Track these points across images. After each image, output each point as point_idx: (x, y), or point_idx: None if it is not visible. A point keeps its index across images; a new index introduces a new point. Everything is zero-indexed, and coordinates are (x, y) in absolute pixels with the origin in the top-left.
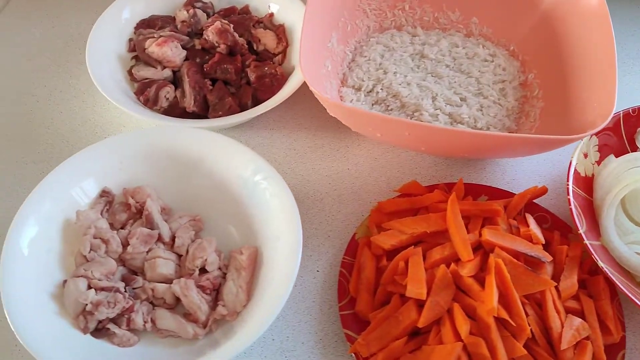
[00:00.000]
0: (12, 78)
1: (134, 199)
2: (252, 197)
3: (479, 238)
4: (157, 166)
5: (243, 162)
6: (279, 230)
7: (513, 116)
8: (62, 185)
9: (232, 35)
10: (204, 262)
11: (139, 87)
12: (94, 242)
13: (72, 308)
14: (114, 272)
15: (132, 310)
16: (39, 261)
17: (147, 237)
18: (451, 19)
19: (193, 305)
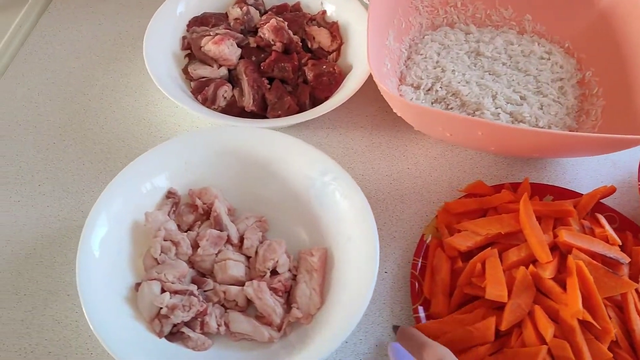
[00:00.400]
0: (63, 77)
1: (201, 200)
2: (320, 198)
3: (554, 239)
4: (221, 166)
5: (311, 162)
6: (350, 231)
7: (573, 115)
8: (129, 186)
9: (288, 33)
10: (275, 264)
11: (196, 85)
12: (164, 244)
13: (147, 311)
14: (186, 275)
15: (206, 314)
16: (111, 263)
17: (217, 238)
18: (504, 16)
19: (267, 308)
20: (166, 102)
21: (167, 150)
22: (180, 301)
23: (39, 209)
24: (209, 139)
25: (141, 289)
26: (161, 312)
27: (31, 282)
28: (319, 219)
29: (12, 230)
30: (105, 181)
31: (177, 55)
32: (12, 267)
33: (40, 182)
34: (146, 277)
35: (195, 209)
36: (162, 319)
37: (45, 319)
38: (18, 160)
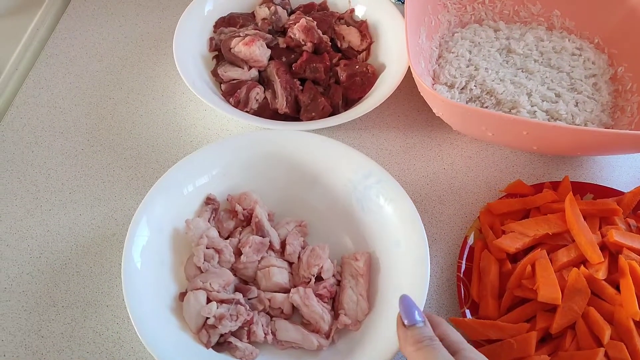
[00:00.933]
0: (87, 80)
1: (241, 206)
2: (362, 202)
3: (603, 239)
4: (260, 170)
5: (353, 165)
6: (397, 235)
7: (607, 111)
8: (168, 194)
9: (318, 33)
10: (320, 270)
11: (227, 88)
12: (207, 252)
13: (194, 322)
14: (230, 283)
15: (252, 322)
16: (155, 273)
17: (260, 245)
18: (532, 12)
19: (315, 315)
20: (194, 106)
21: (206, 155)
22: (227, 310)
23: (72, 217)
24: (248, 143)
25: (187, 299)
26: (208, 322)
27: (68, 294)
28: (362, 223)
29: (45, 240)
30: (136, 187)
31: (205, 57)
32: (48, 278)
33: (71, 190)
34: (191, 286)
35: (235, 215)
36: (209, 329)
37: (86, 332)
38: (46, 168)
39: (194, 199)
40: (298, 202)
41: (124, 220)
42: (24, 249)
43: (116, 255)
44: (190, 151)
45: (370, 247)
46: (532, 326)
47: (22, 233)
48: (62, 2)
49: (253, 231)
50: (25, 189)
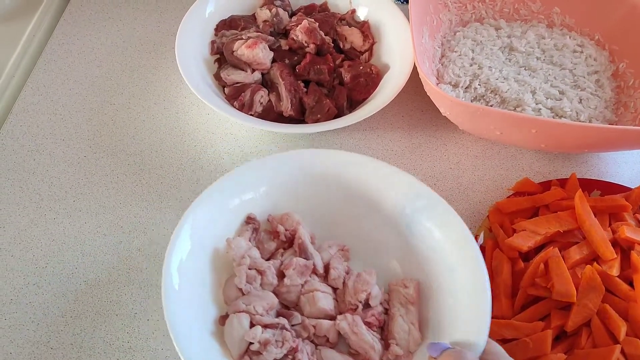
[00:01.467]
0: (87, 86)
1: (283, 227)
2: (412, 226)
3: (614, 235)
4: (300, 191)
5: (402, 188)
6: (451, 261)
7: (611, 107)
8: (207, 212)
9: (320, 34)
10: (368, 296)
11: (231, 91)
12: (249, 273)
13: (236, 347)
14: (274, 307)
15: (298, 350)
16: (196, 294)
17: (304, 268)
18: (532, 10)
19: (364, 344)
20: (197, 110)
21: (251, 171)
22: (272, 336)
23: (77, 226)
24: (290, 163)
25: (229, 322)
26: (251, 347)
27: (77, 304)
28: (411, 247)
29: (50, 249)
30: (141, 194)
31: (207, 60)
32: (55, 288)
33: (74, 198)
34: (232, 309)
35: (276, 236)
36: (252, 356)
37: (96, 342)
38: (49, 176)
39: (235, 217)
40: (340, 225)
41: (130, 227)
42: (29, 259)
43: (124, 263)
44: (194, 156)
45: (419, 273)
46: (546, 324)
47: (27, 243)
48: (58, 8)
49: (296, 253)
50: (28, 198)
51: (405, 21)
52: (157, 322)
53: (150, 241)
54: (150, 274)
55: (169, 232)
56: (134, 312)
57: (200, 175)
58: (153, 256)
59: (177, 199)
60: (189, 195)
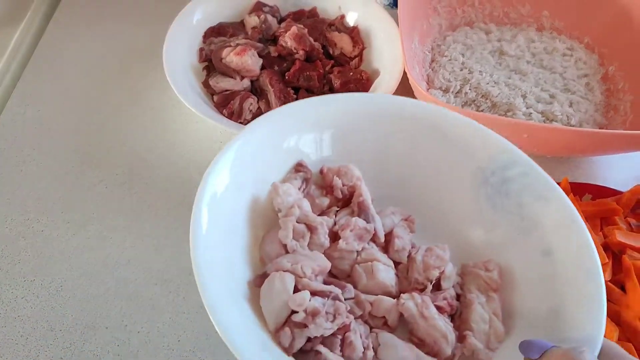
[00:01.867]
0: (74, 96)
1: (340, 181)
2: (495, 198)
3: (605, 239)
4: (361, 144)
5: (489, 151)
6: (547, 243)
7: (601, 111)
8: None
9: (310, 40)
10: (440, 275)
11: (220, 99)
12: (297, 227)
13: (275, 315)
14: (326, 272)
15: (349, 329)
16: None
17: (363, 231)
18: (521, 13)
19: (435, 331)
20: (185, 118)
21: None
22: (323, 305)
23: (65, 238)
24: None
25: (269, 283)
26: (294, 317)
27: (65, 317)
28: (490, 224)
29: (38, 262)
30: (130, 204)
31: (195, 67)
32: (44, 301)
33: (62, 210)
34: (274, 267)
35: (330, 192)
36: (294, 328)
37: (86, 355)
38: (36, 188)
39: (284, 161)
40: (404, 190)
41: (119, 239)
42: (17, 273)
43: (111, 275)
44: (184, 165)
45: (498, 255)
46: None
47: (14, 256)
48: (44, 17)
49: (353, 213)
50: (15, 211)
51: (394, 26)
52: (147, 334)
53: (139, 252)
54: (139, 285)
55: (158, 244)
56: (124, 325)
57: (189, 185)
58: (143, 268)
59: (166, 209)
60: (179, 206)
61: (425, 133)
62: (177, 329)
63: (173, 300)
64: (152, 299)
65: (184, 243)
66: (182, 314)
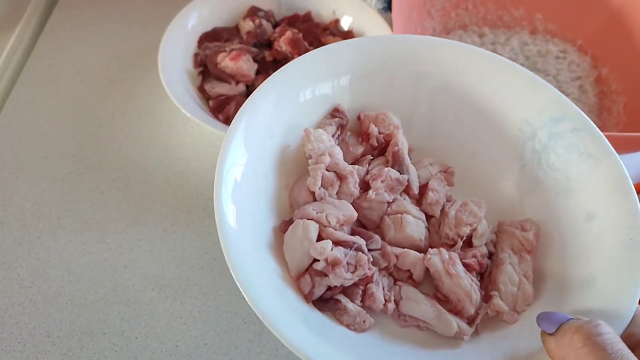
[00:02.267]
0: (69, 102)
1: (377, 129)
2: (541, 154)
3: None
4: (402, 88)
5: (538, 102)
6: (592, 206)
7: (595, 113)
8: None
9: (304, 45)
10: (473, 232)
11: (215, 104)
12: (326, 175)
13: (296, 262)
14: (352, 222)
15: (372, 281)
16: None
17: (395, 182)
18: (514, 16)
19: (459, 290)
20: (181, 123)
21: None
22: (344, 256)
23: (61, 243)
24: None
25: (293, 229)
26: (315, 266)
27: (63, 323)
28: (534, 182)
29: (35, 268)
30: (127, 209)
31: (191, 73)
32: (41, 308)
33: (59, 215)
34: (300, 214)
35: (366, 140)
36: (314, 276)
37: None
38: (32, 194)
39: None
40: (445, 140)
41: (116, 244)
42: (13, 279)
43: (109, 280)
44: (180, 170)
45: (539, 215)
46: None
47: (11, 263)
48: (39, 22)
49: (388, 163)
50: (11, 217)
51: (388, 30)
52: (145, 340)
53: (137, 257)
54: (137, 290)
55: (155, 248)
56: (122, 330)
57: (186, 189)
58: (140, 273)
59: (163, 213)
60: (175, 210)
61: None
62: (174, 334)
63: (170, 306)
64: (150, 305)
65: (180, 248)
66: (180, 319)
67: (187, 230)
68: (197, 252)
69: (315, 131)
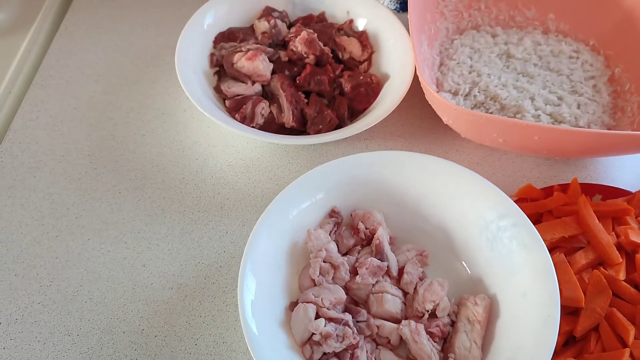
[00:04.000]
0: (85, 101)
1: (364, 225)
2: (492, 242)
3: (618, 239)
4: (386, 191)
5: (489, 202)
6: (526, 286)
7: (608, 112)
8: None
9: (319, 45)
10: (436, 307)
11: (232, 104)
12: (323, 266)
13: (300, 335)
14: (342, 302)
15: (357, 347)
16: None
17: (377, 268)
18: (527, 16)
19: (422, 353)
20: (197, 123)
21: (332, 169)
22: (334, 330)
23: (80, 242)
24: (377, 161)
25: (296, 310)
26: (313, 337)
27: (83, 322)
28: (488, 264)
29: (54, 267)
30: (144, 209)
31: (207, 72)
32: (60, 306)
33: (77, 215)
34: (302, 298)
35: (356, 233)
36: (313, 345)
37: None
38: (50, 193)
39: (318, 210)
40: (421, 230)
41: (134, 243)
42: (33, 278)
43: (129, 279)
44: (196, 169)
45: (492, 290)
46: None
47: (30, 261)
48: (54, 22)
49: (372, 253)
50: (30, 216)
51: (403, 30)
52: (164, 339)
53: (155, 256)
54: (155, 290)
55: (173, 247)
56: (141, 329)
57: (202, 188)
58: (158, 272)
59: (180, 212)
60: (192, 209)
61: (437, 187)
62: (194, 333)
63: (189, 304)
64: (168, 303)
65: (198, 247)
66: (199, 317)
67: (205, 229)
68: (215, 251)
69: (316, 231)
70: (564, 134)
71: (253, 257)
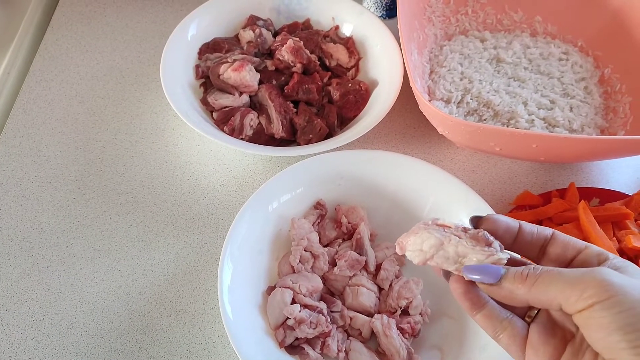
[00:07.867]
0: (70, 124)
1: (347, 219)
2: None
3: (619, 245)
4: (371, 189)
5: (469, 209)
6: None
7: (601, 114)
8: (276, 192)
9: (306, 53)
10: (409, 304)
11: (220, 116)
12: (304, 254)
13: (274, 318)
14: (318, 291)
15: (329, 335)
16: (250, 263)
17: (355, 262)
18: (514, 20)
19: (391, 347)
20: (187, 141)
21: (323, 162)
22: (308, 316)
23: (72, 272)
24: (365, 159)
25: (273, 294)
26: (287, 322)
27: (79, 356)
28: None
29: (47, 300)
30: (137, 234)
31: (192, 85)
32: (55, 341)
33: (67, 243)
34: (280, 283)
35: (339, 226)
36: (286, 329)
37: None
38: (38, 222)
39: (303, 201)
40: (401, 230)
41: (128, 270)
42: (24, 312)
43: (125, 308)
44: (189, 190)
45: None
46: None
47: (21, 295)
48: (32, 43)
49: (352, 247)
50: (18, 247)
51: (390, 36)
52: None
53: (151, 283)
54: (154, 317)
55: (169, 273)
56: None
57: (196, 210)
58: (155, 299)
59: (174, 236)
60: (186, 232)
61: (418, 189)
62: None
63: (189, 332)
64: (167, 331)
65: (195, 271)
66: (199, 345)
67: (200, 252)
68: (212, 275)
69: (299, 220)
70: (563, 141)
71: (234, 241)
